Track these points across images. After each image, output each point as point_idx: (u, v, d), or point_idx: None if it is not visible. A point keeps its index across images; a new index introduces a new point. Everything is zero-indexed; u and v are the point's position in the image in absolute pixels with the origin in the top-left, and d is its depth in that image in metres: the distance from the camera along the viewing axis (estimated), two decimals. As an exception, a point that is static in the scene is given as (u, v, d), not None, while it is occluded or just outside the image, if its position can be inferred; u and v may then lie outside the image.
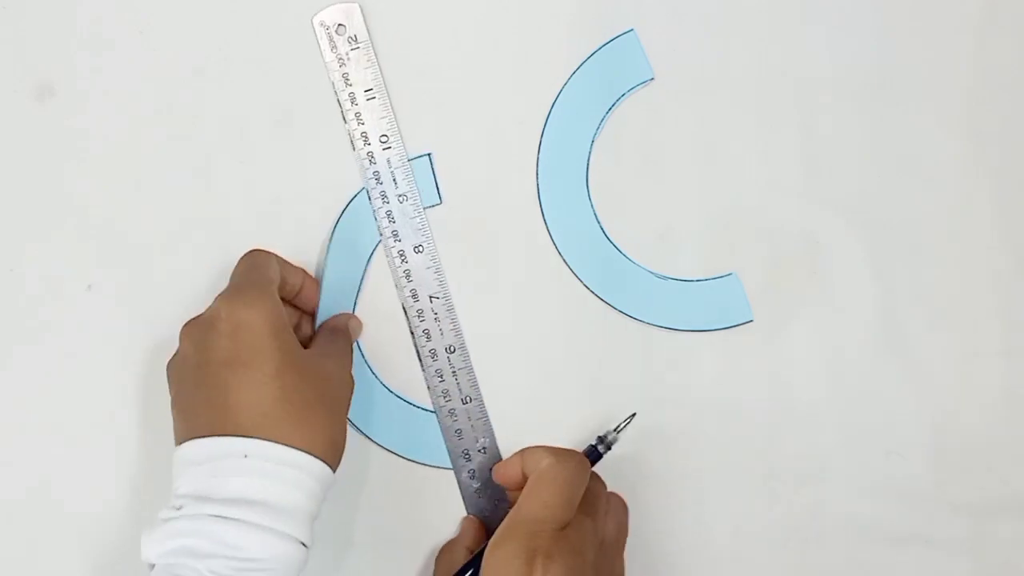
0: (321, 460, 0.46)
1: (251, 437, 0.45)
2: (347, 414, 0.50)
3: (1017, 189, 0.56)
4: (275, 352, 0.46)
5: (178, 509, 0.44)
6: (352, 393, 0.50)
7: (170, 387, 0.49)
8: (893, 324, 0.56)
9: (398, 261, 0.54)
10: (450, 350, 0.54)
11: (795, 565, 0.55)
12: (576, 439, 0.55)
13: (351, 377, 0.51)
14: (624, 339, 0.55)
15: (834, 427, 0.55)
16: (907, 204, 0.56)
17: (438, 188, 0.55)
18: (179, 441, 0.47)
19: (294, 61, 0.55)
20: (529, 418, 0.55)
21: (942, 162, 0.56)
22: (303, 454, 0.45)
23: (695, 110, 0.56)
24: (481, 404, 0.55)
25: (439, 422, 0.55)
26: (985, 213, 0.56)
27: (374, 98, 0.54)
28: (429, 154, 0.55)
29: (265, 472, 0.45)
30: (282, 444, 0.45)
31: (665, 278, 0.55)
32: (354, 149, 0.55)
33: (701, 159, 0.56)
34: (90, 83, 0.55)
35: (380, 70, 0.55)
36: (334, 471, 0.47)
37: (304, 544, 0.46)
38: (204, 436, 0.46)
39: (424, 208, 0.55)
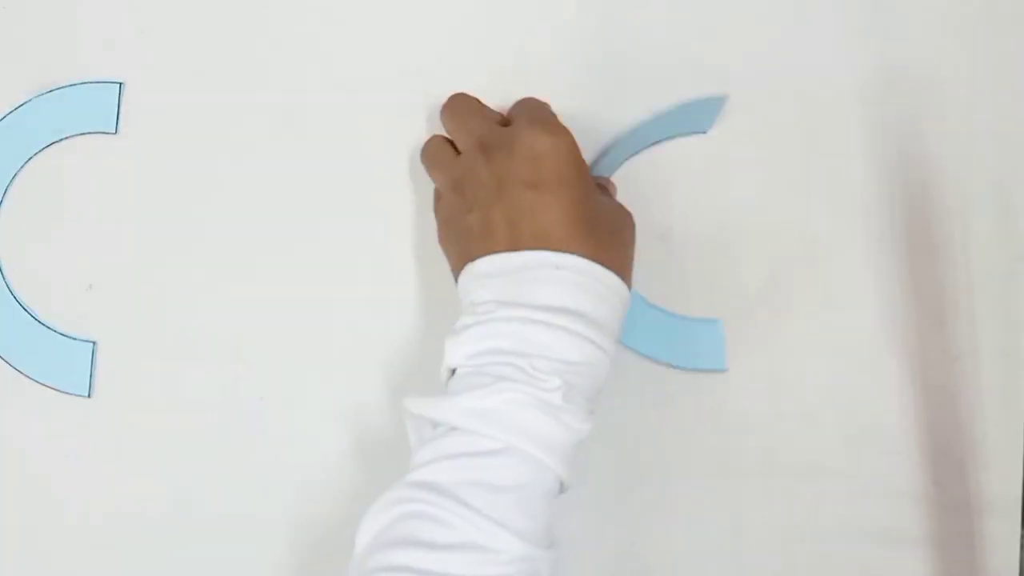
0: (622, 280, 0.47)
1: (560, 251, 0.45)
2: (634, 249, 0.50)
3: (1017, 189, 0.56)
4: (577, 179, 0.47)
5: (483, 314, 0.45)
6: (634, 235, 0.50)
7: (446, 209, 0.50)
8: (893, 324, 0.56)
9: None
10: None
11: (795, 565, 0.55)
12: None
13: (633, 220, 0.51)
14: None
15: (834, 427, 0.55)
16: (907, 204, 0.56)
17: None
18: (466, 261, 0.47)
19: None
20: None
21: (942, 162, 0.56)
22: (610, 272, 0.46)
23: (695, 110, 0.56)
24: None
25: None
26: (985, 213, 0.56)
27: None
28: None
29: (578, 284, 0.45)
30: (591, 259, 0.45)
31: (652, 307, 0.55)
32: None
33: (701, 159, 0.56)
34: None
35: None
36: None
37: (608, 354, 0.46)
38: (504, 251, 0.46)
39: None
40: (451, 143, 0.52)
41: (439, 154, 0.52)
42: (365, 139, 0.55)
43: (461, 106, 0.53)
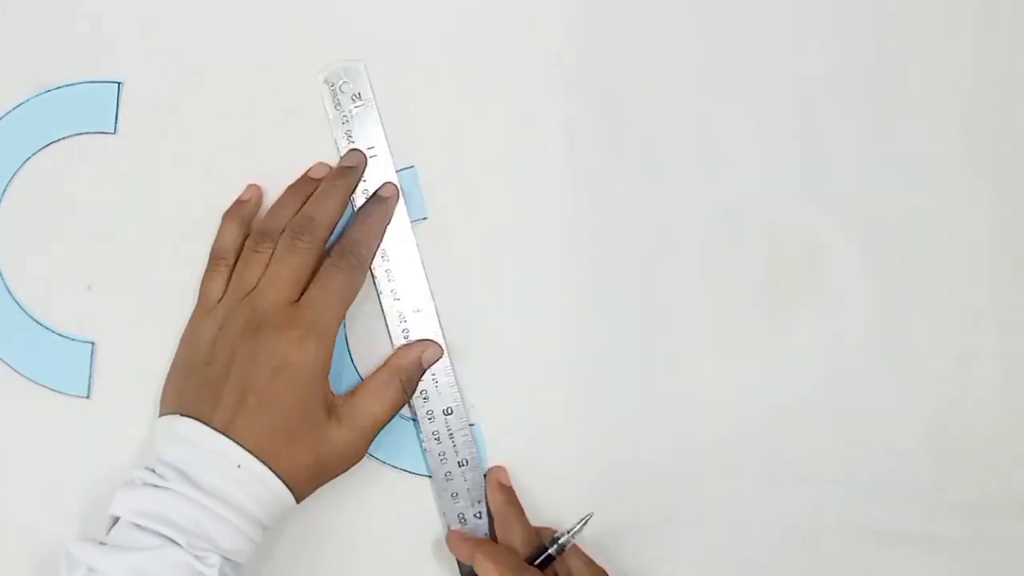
0: (294, 497, 0.49)
1: (251, 453, 0.47)
2: (332, 477, 0.51)
3: (1017, 189, 0.56)
4: (302, 401, 0.49)
5: (162, 477, 0.47)
6: (350, 467, 0.51)
7: (193, 342, 0.51)
8: (892, 324, 0.56)
9: (397, 321, 0.54)
10: (447, 412, 0.54)
11: (795, 565, 0.55)
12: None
13: (359, 453, 0.51)
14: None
15: (834, 427, 0.55)
16: (907, 204, 0.56)
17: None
18: (175, 405, 0.50)
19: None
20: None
21: (942, 162, 0.56)
22: (284, 488, 0.48)
23: (695, 110, 0.56)
24: (479, 467, 0.54)
25: (434, 484, 0.54)
26: (985, 213, 0.56)
27: (376, 155, 0.54)
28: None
29: (249, 489, 0.47)
30: (272, 471, 0.48)
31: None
32: (352, 208, 0.54)
33: (701, 159, 0.56)
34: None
35: (383, 128, 0.55)
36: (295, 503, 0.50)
37: (255, 542, 0.48)
38: (208, 425, 0.48)
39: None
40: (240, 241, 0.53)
41: (223, 259, 0.53)
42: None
43: (299, 227, 0.52)
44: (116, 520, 0.47)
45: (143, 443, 0.53)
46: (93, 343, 0.54)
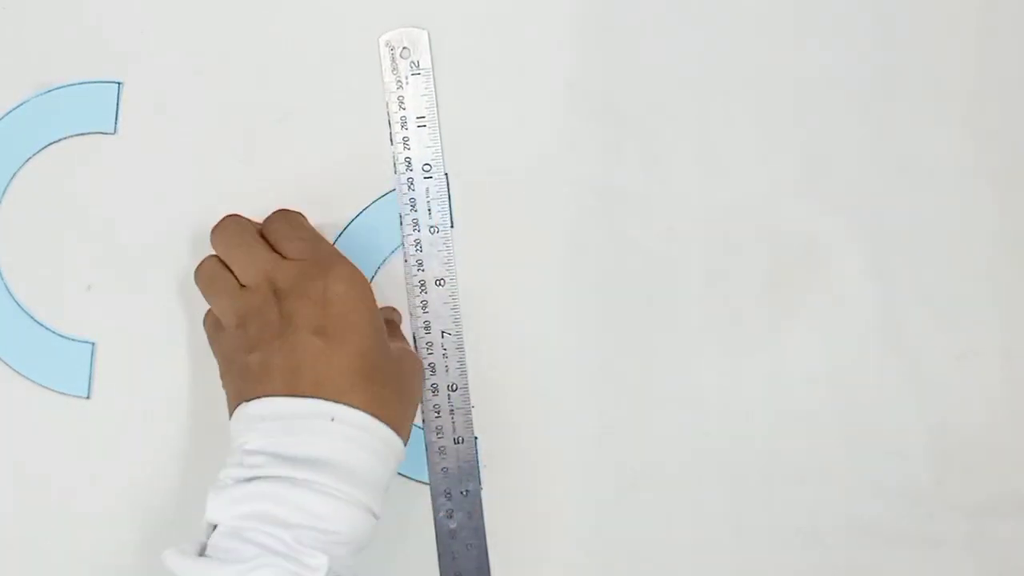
0: (399, 436, 0.46)
1: (337, 402, 0.44)
2: (417, 404, 0.50)
3: (1017, 189, 0.56)
4: (366, 327, 0.47)
5: (252, 467, 0.43)
6: (423, 384, 0.51)
7: (227, 344, 0.48)
8: (893, 324, 0.56)
9: (417, 291, 0.54)
10: (452, 388, 0.54)
11: (795, 565, 0.55)
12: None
13: (423, 369, 0.52)
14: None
15: (834, 427, 0.55)
16: (907, 204, 0.56)
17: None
18: (242, 398, 0.46)
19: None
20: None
21: (942, 162, 0.56)
22: (386, 427, 0.45)
23: (695, 111, 0.56)
24: (473, 448, 0.54)
25: (427, 456, 0.54)
26: (985, 213, 0.56)
27: (424, 126, 0.54)
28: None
29: (351, 438, 0.44)
30: (368, 413, 0.44)
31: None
32: (395, 172, 0.55)
33: (701, 159, 0.56)
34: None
35: (436, 99, 0.55)
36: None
37: (376, 516, 0.45)
38: (280, 395, 0.45)
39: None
40: (227, 267, 0.50)
41: (219, 282, 0.50)
42: (366, 138, 0.55)
43: (237, 232, 0.50)
44: (214, 527, 0.43)
45: (143, 443, 0.53)
46: (93, 343, 0.54)
